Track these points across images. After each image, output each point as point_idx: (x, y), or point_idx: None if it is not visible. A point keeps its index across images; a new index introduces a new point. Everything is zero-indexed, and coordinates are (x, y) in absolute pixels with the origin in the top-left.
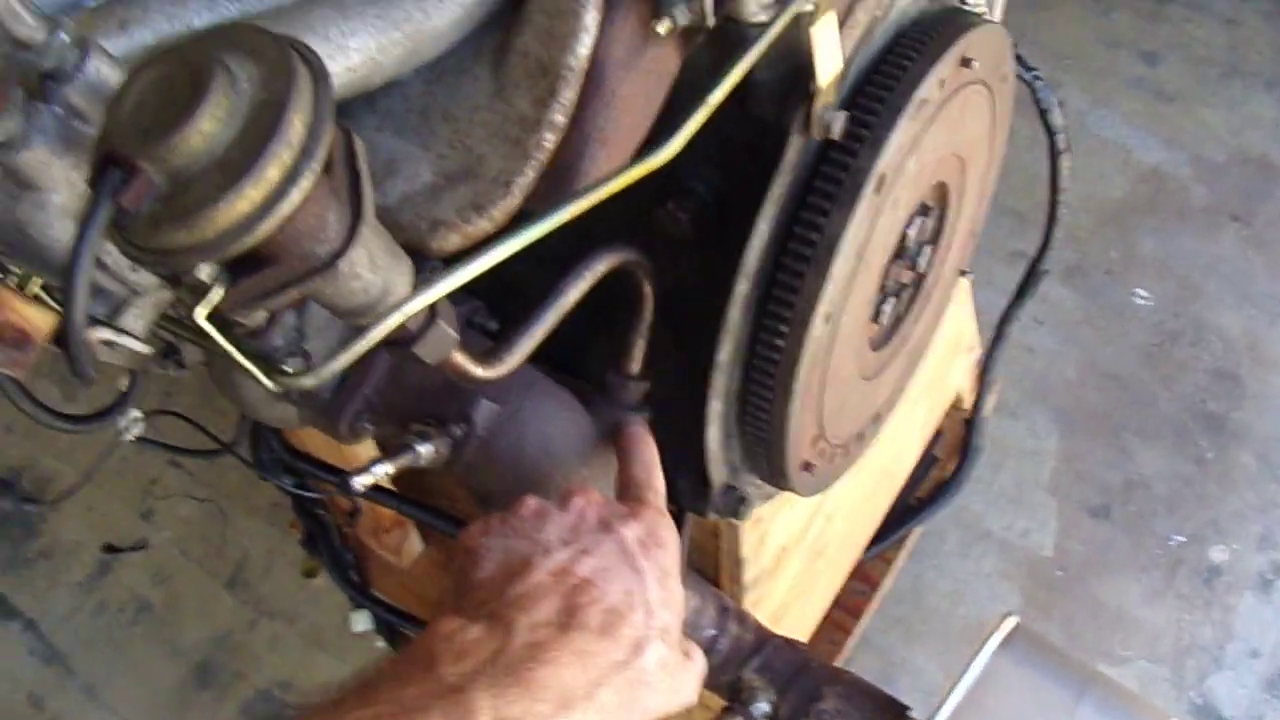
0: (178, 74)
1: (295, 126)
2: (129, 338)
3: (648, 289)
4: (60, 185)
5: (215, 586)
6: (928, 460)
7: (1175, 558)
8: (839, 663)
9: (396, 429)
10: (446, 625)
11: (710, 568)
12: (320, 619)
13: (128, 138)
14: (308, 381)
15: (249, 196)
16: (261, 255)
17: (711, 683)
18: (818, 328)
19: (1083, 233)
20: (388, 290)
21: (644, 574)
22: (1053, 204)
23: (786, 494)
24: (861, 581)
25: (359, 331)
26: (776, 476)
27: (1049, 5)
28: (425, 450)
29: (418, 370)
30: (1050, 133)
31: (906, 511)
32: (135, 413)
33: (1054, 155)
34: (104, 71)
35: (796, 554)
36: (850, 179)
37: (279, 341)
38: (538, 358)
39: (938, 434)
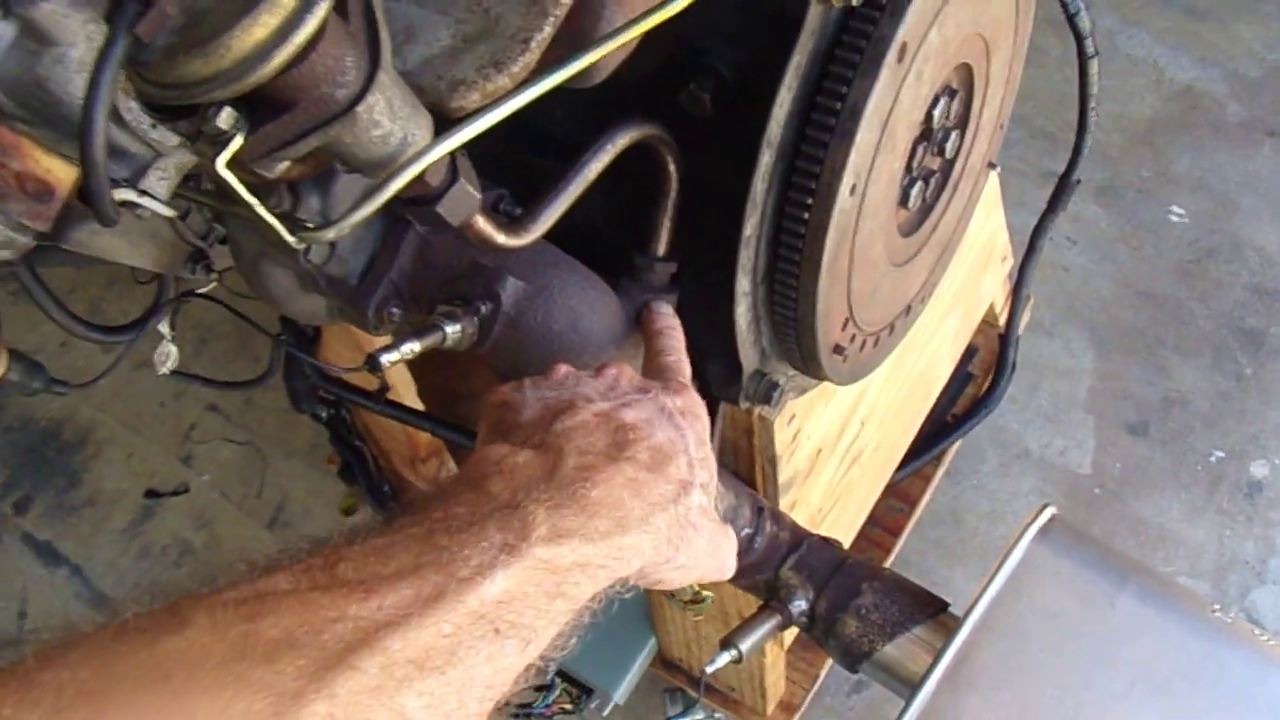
0: None
1: None
2: (151, 199)
3: (672, 167)
4: (79, 39)
5: (256, 528)
6: (963, 377)
7: (1215, 474)
8: None
9: (424, 314)
10: (495, 451)
11: (745, 468)
12: None
13: None
14: (329, 235)
15: (265, 23)
16: (281, 100)
17: (748, 581)
18: (843, 198)
19: (1115, 152)
20: (407, 141)
21: (684, 431)
22: (1083, 112)
23: (820, 393)
24: (900, 499)
25: (381, 186)
26: (808, 360)
27: None
28: (452, 330)
29: (443, 253)
30: (1078, 37)
31: (943, 428)
32: (171, 347)
33: (1082, 60)
34: None
35: (832, 458)
36: (872, 46)
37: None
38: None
39: (973, 350)
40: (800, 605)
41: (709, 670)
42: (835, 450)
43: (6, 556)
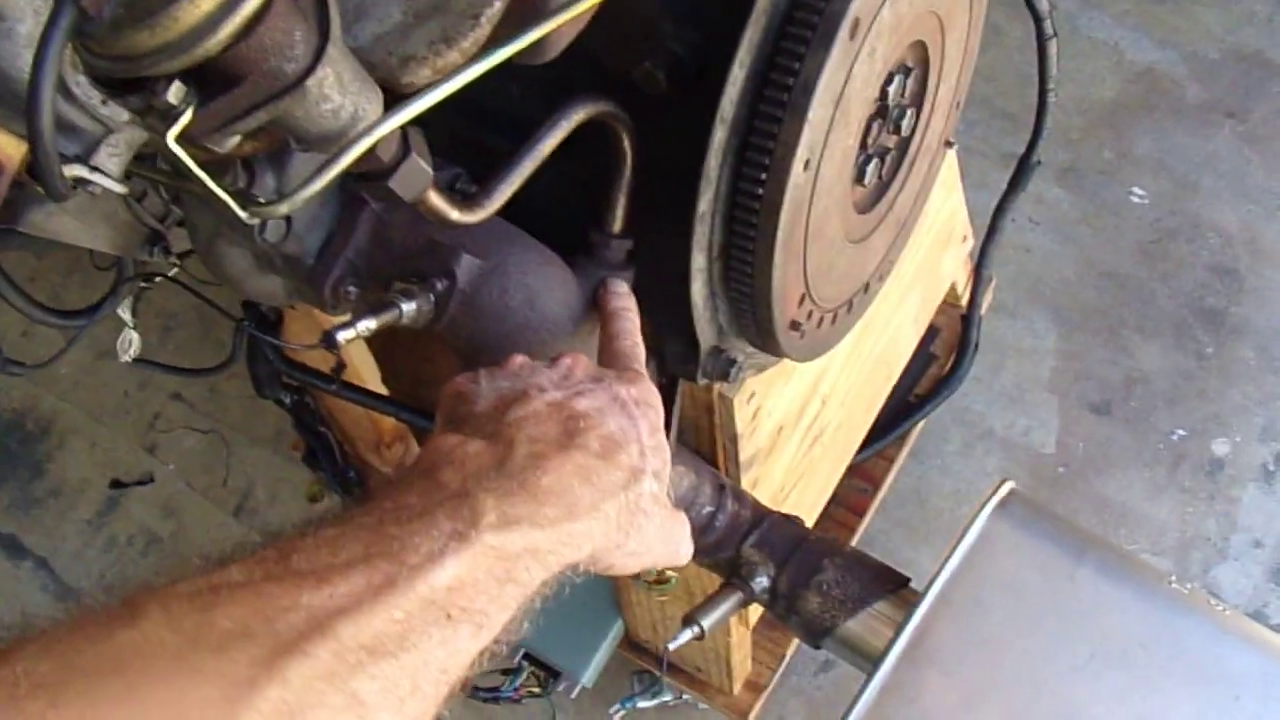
0: None
1: None
2: (103, 176)
3: (627, 143)
4: (26, 14)
5: (222, 516)
6: (925, 358)
7: (1178, 452)
8: None
9: (381, 292)
10: (447, 441)
11: (706, 446)
12: None
13: None
14: (281, 209)
15: (195, 11)
16: (230, 74)
17: (710, 560)
18: (797, 174)
19: (1076, 134)
20: (358, 115)
21: (637, 420)
22: (1042, 92)
23: (779, 371)
24: (864, 480)
25: (332, 160)
26: (764, 336)
27: None
28: (408, 307)
29: (399, 231)
30: (1037, 19)
31: (906, 408)
32: (133, 334)
33: (1041, 42)
34: None
35: (793, 436)
36: (824, 23)
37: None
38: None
39: (935, 331)
40: (762, 582)
41: (671, 647)
42: (796, 428)
43: None
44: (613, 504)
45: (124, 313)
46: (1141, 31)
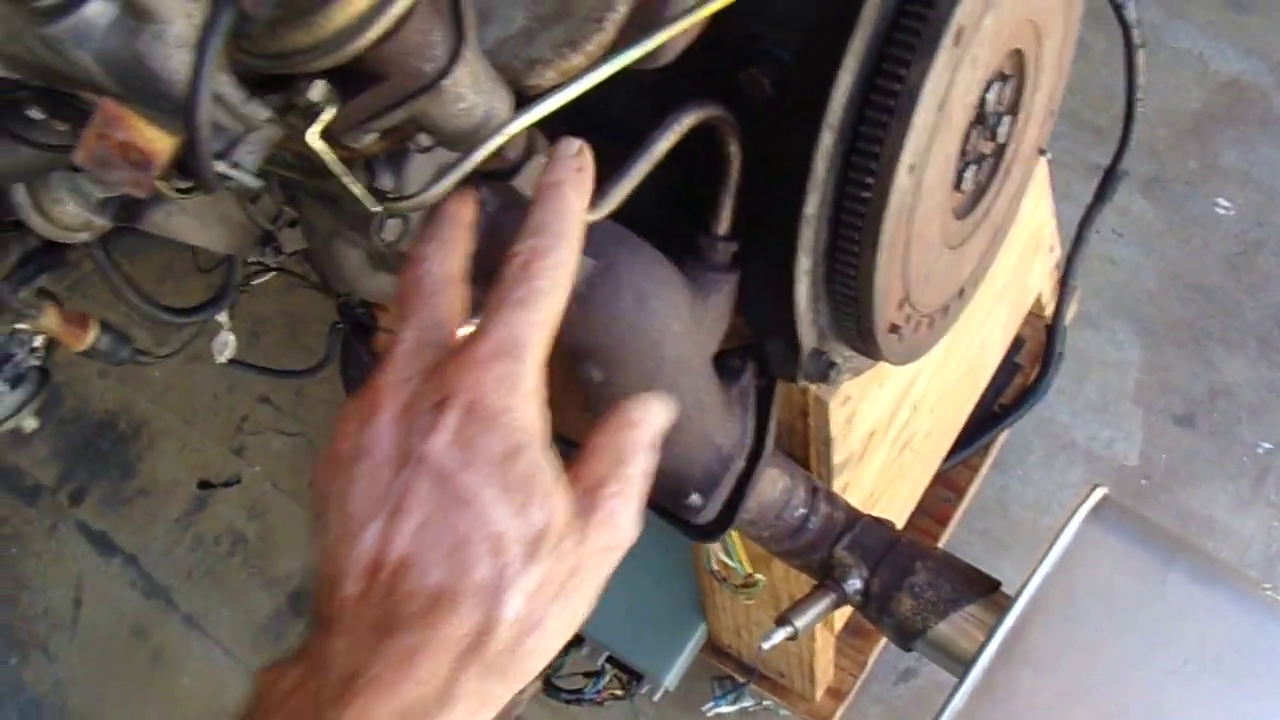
0: None
1: None
2: (242, 172)
3: (734, 147)
4: (177, 16)
5: (307, 517)
6: (1011, 367)
7: (1263, 465)
8: None
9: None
10: (264, 679)
11: (799, 449)
12: None
13: None
14: (412, 205)
15: (350, 9)
16: (371, 73)
17: (803, 561)
18: (902, 177)
19: (1161, 145)
20: (490, 114)
21: (475, 498)
22: (1129, 102)
23: (873, 377)
24: (948, 489)
25: (463, 158)
26: (864, 338)
27: None
28: None
29: (513, 231)
30: (1125, 28)
31: (991, 417)
32: (229, 336)
33: (1129, 50)
34: None
35: (884, 441)
36: (929, 29)
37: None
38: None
39: (1020, 341)
40: (855, 584)
41: (764, 647)
42: (888, 434)
43: (63, 545)
44: (469, 675)
45: (220, 316)
46: (1227, 41)
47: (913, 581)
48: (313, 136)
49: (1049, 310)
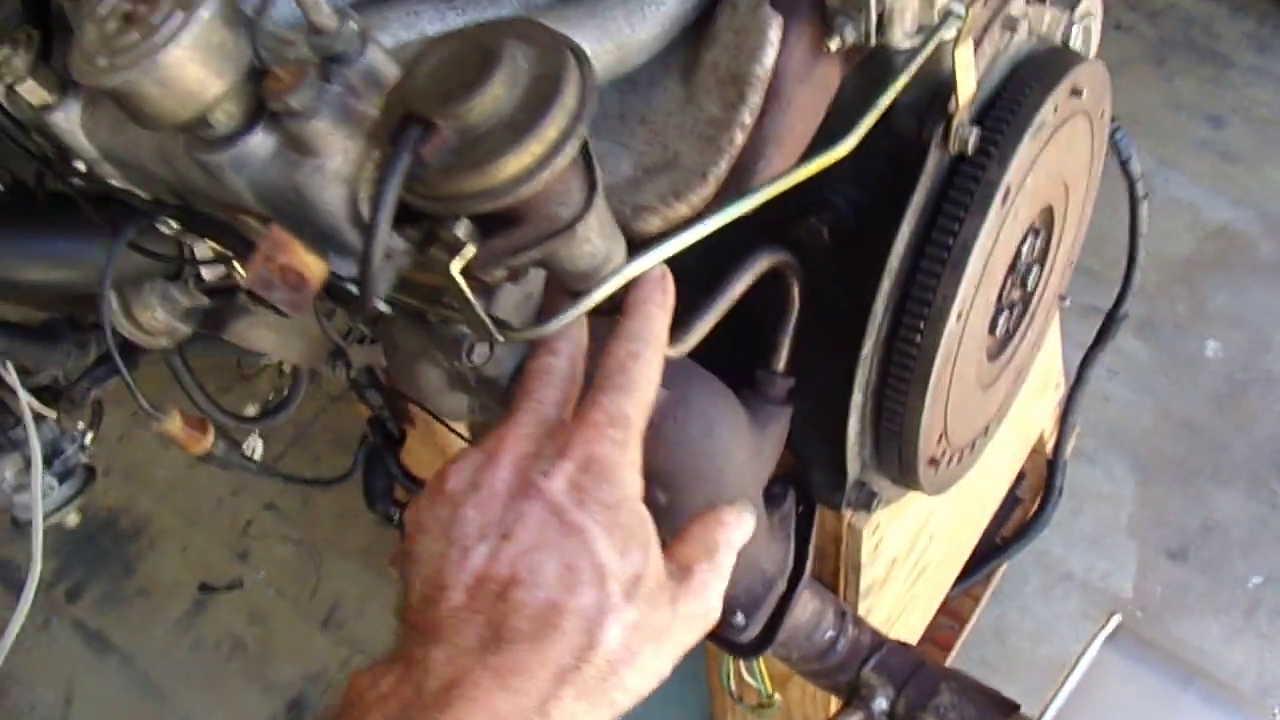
0: (468, 50)
1: (570, 94)
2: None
3: (795, 290)
4: (336, 153)
5: (309, 626)
6: (1012, 501)
7: (1253, 598)
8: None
9: None
10: (359, 681)
11: (829, 574)
12: None
13: (426, 100)
14: (527, 336)
15: (533, 151)
16: (512, 216)
17: (830, 682)
18: (952, 324)
19: (1152, 288)
20: (609, 257)
21: (585, 531)
22: (1132, 248)
23: (897, 507)
24: (950, 617)
25: (576, 297)
26: (905, 471)
27: (1113, 71)
28: None
29: (591, 361)
30: (1130, 180)
31: (993, 549)
32: (257, 440)
33: (1134, 201)
34: (379, 59)
35: (903, 569)
36: (982, 190)
37: (468, 329)
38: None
39: (1021, 475)
40: (881, 704)
41: None
42: (906, 562)
43: (56, 643)
44: (569, 695)
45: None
46: (1216, 191)
47: (937, 703)
48: (455, 270)
49: (1049, 446)
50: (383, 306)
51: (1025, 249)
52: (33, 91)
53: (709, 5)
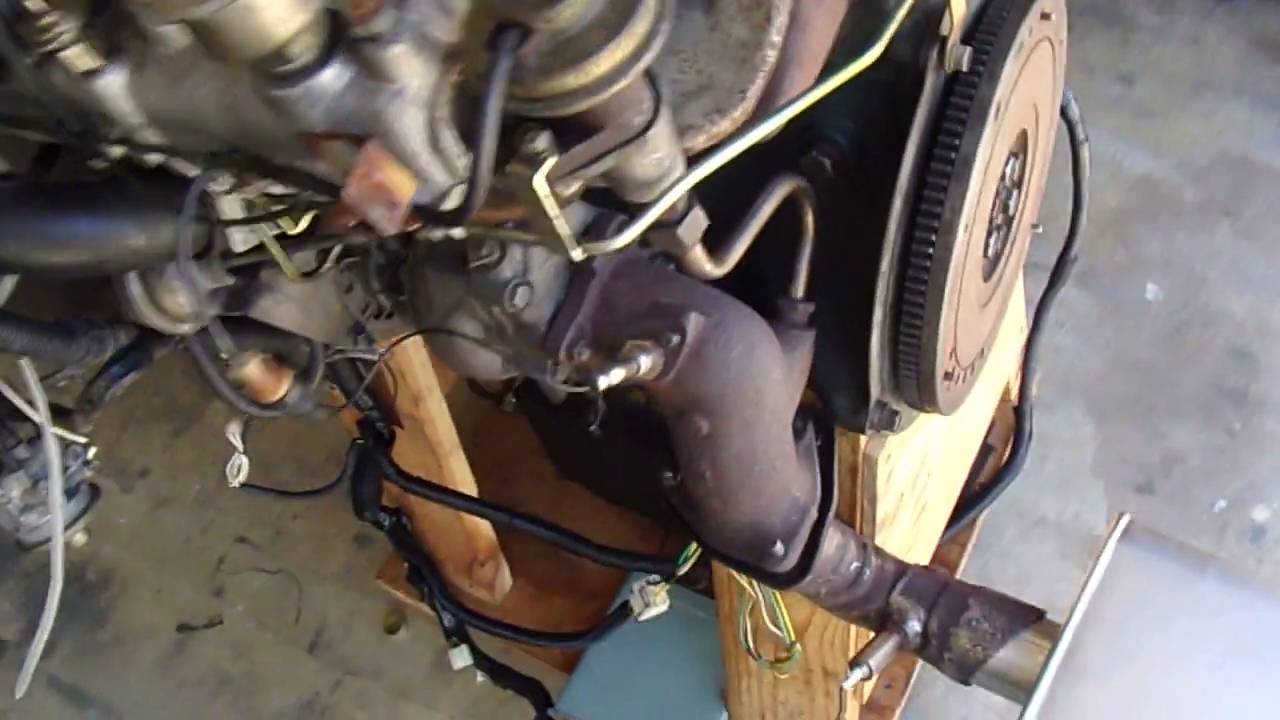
0: None
1: (647, 8)
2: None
3: (810, 217)
4: (414, 77)
5: (295, 652)
6: (984, 449)
7: (1221, 522)
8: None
9: (606, 353)
10: None
11: (845, 508)
12: (406, 671)
13: (520, 6)
14: (604, 248)
15: (625, 47)
16: (589, 125)
17: (860, 612)
18: (960, 234)
19: (1088, 241)
20: (673, 166)
21: None
22: (1077, 192)
23: (902, 441)
24: (940, 564)
25: (641, 209)
26: (923, 386)
27: None
28: (645, 360)
29: (624, 297)
30: (1070, 124)
31: (974, 496)
32: (243, 459)
33: (1075, 145)
34: None
35: (908, 505)
36: (977, 105)
37: (508, 274)
38: None
39: (990, 425)
40: (914, 626)
41: (846, 686)
42: (911, 496)
43: (33, 703)
44: None
45: (235, 439)
46: (1135, 144)
47: (969, 617)
48: (539, 180)
49: (1015, 393)
50: (460, 233)
51: (1009, 170)
52: (79, 57)
53: None
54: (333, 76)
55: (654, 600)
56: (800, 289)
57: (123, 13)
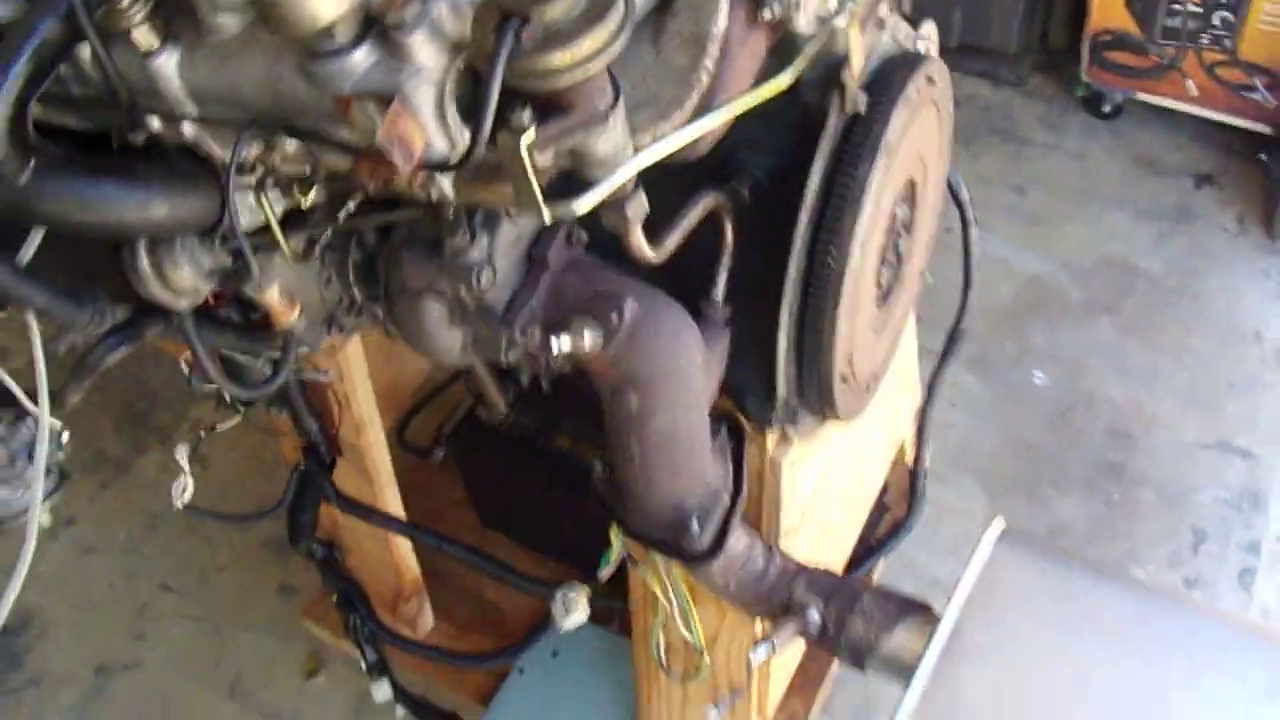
0: None
1: (618, 9)
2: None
3: (730, 230)
4: (427, 60)
5: (215, 698)
6: (881, 508)
7: None
8: (824, 685)
9: (554, 332)
10: None
11: (753, 514)
12: (325, 714)
13: (520, 2)
14: (570, 212)
15: (600, 36)
16: (563, 105)
17: (765, 607)
18: (855, 248)
19: (982, 332)
20: (625, 150)
21: None
22: (967, 269)
23: (803, 455)
24: None
25: (593, 183)
26: (823, 385)
27: None
28: (591, 335)
29: (571, 287)
30: (960, 206)
31: (872, 548)
32: (188, 480)
33: (965, 225)
34: None
35: (811, 521)
36: (870, 141)
37: (476, 256)
38: None
39: (884, 488)
40: (814, 616)
41: (754, 659)
42: (813, 514)
43: None
44: None
45: (181, 459)
46: (1026, 247)
47: (861, 605)
48: (523, 146)
49: (910, 457)
50: (450, 192)
51: (899, 214)
52: (145, 37)
53: None
54: (363, 55)
55: (575, 607)
56: (720, 292)
57: (181, 2)
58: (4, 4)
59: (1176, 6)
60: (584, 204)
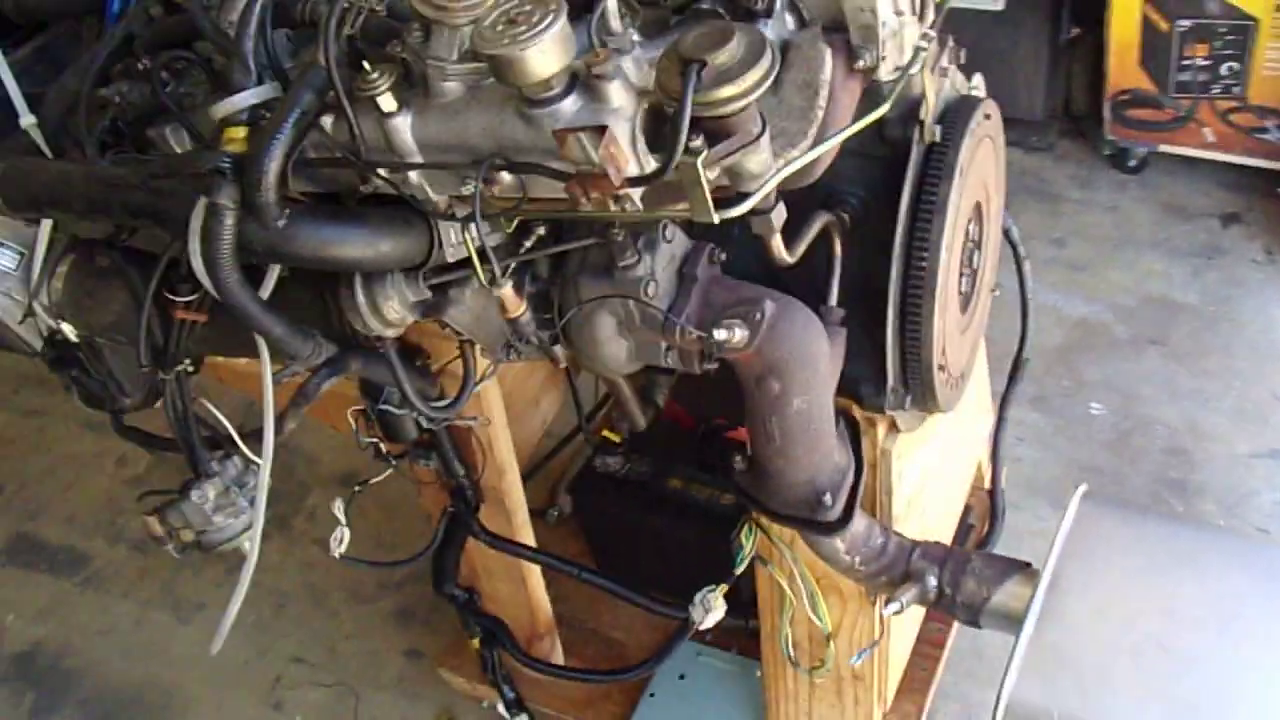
0: (710, 29)
1: (768, 56)
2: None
3: (839, 245)
4: (624, 102)
5: None
6: (966, 528)
7: None
8: (930, 690)
9: (706, 331)
10: None
11: (867, 501)
12: None
13: (698, 51)
14: (735, 212)
15: (758, 74)
16: (724, 131)
17: (887, 578)
18: (943, 251)
19: (1039, 371)
20: (769, 168)
21: None
22: (1023, 300)
23: (908, 450)
24: (938, 621)
25: (748, 194)
26: (923, 373)
27: None
28: (740, 331)
29: (718, 294)
30: (1013, 244)
31: None
32: (345, 530)
33: (1018, 261)
34: (640, 54)
35: (914, 512)
36: (947, 164)
37: (643, 272)
38: None
39: (968, 509)
40: (931, 581)
41: (887, 613)
42: (917, 506)
43: None
44: None
45: (339, 512)
46: (1071, 293)
47: (971, 566)
48: (700, 164)
49: (987, 479)
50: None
51: (970, 229)
52: (387, 101)
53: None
54: (571, 102)
55: (714, 605)
56: (834, 298)
57: (414, 73)
58: (269, 85)
59: (1186, 61)
60: (743, 208)
